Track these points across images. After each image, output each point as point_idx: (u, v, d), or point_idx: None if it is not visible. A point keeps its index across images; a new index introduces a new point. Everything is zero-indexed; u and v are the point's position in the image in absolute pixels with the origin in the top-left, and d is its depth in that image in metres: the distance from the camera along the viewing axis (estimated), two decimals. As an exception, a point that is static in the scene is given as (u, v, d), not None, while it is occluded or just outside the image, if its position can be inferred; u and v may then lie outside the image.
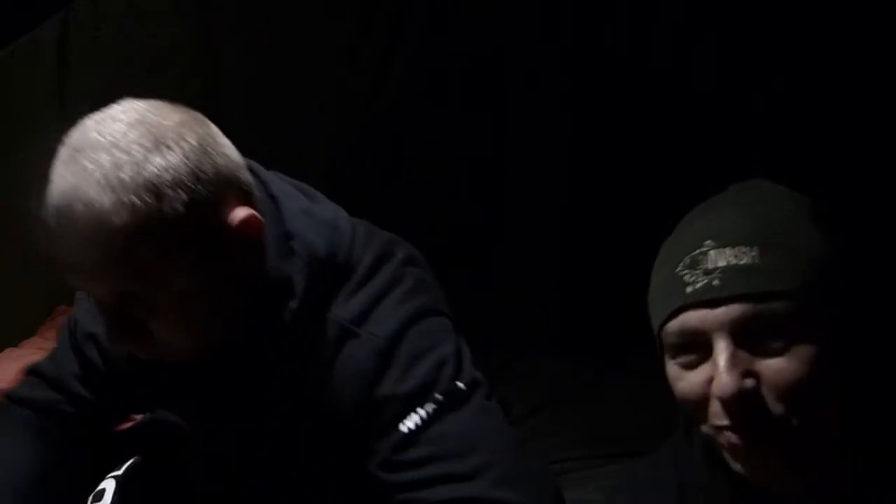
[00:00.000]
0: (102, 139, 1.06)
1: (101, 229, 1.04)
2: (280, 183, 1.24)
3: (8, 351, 2.34)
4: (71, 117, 1.11)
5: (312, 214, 1.22)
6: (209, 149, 1.10)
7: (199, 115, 1.14)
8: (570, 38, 2.82)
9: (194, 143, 1.08)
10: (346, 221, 1.26)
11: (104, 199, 1.04)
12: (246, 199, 1.14)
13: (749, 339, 0.90)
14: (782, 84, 2.70)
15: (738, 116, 2.74)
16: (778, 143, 2.65)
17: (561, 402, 2.37)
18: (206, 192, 1.08)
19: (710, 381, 0.91)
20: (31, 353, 2.28)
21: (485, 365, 1.24)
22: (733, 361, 0.89)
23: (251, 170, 1.20)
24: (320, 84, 2.74)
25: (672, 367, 0.96)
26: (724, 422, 0.91)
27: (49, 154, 1.08)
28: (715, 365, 0.91)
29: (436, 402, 1.16)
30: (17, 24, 2.30)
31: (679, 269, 0.94)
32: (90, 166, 1.05)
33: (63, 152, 1.08)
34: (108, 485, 1.41)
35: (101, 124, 1.08)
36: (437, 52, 2.80)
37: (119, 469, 1.45)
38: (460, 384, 1.18)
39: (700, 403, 0.93)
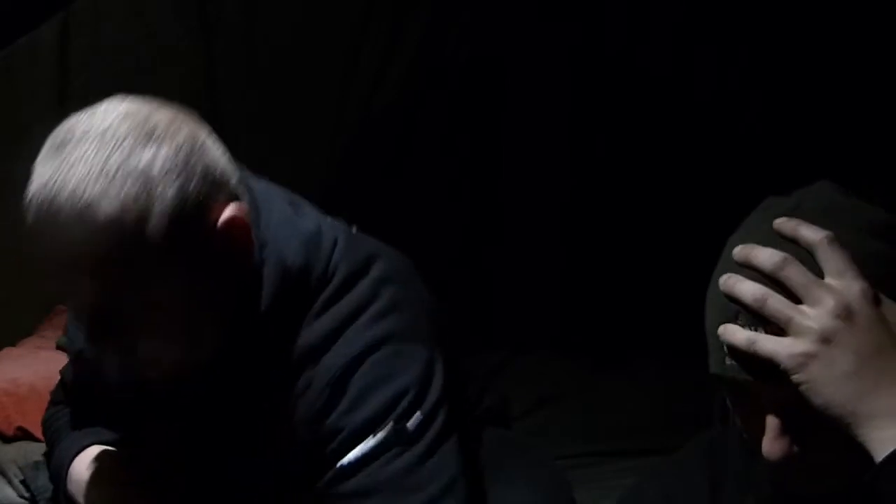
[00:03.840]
0: (89, 131, 1.01)
1: (87, 221, 0.99)
2: (266, 191, 1.18)
3: (6, 350, 2.34)
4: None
5: (293, 225, 1.16)
6: (199, 146, 1.05)
7: (192, 114, 1.09)
8: (571, 38, 2.82)
9: (184, 138, 1.04)
10: (329, 234, 1.18)
11: (90, 190, 0.99)
12: (234, 203, 1.09)
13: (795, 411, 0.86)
14: (780, 89, 2.71)
15: (736, 117, 2.74)
16: (775, 147, 2.66)
17: (560, 400, 2.37)
18: (195, 189, 1.03)
19: (760, 424, 0.88)
20: (30, 352, 2.28)
21: (485, 363, 1.22)
22: (782, 431, 0.86)
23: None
24: (320, 83, 2.75)
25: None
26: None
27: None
28: (765, 427, 0.87)
29: (378, 440, 1.10)
30: (17, 24, 2.29)
31: (716, 333, 0.88)
32: (75, 157, 1.00)
33: (46, 147, 1.04)
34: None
35: (90, 117, 1.04)
36: (437, 52, 2.80)
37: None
38: (409, 424, 1.11)
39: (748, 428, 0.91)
